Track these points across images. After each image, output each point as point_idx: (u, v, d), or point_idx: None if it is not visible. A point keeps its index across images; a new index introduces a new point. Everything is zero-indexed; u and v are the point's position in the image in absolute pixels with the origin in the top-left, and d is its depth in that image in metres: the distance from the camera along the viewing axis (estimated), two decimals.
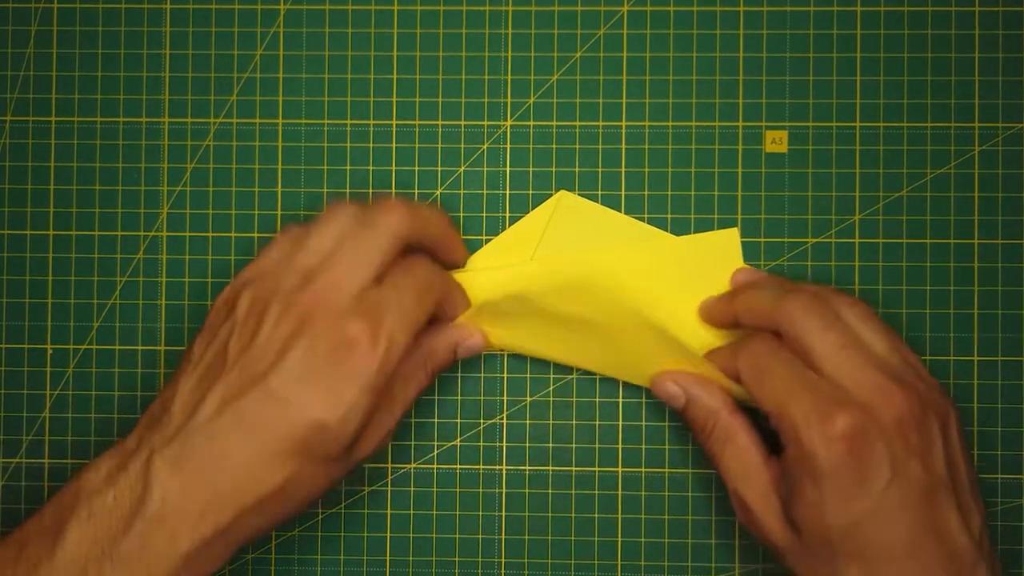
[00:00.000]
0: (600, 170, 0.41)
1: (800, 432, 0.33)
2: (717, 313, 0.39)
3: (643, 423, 0.41)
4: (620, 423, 0.41)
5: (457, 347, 0.38)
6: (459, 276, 0.40)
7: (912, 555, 0.33)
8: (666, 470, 0.41)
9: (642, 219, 0.41)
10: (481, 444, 0.41)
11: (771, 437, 0.36)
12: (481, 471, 0.41)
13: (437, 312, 0.38)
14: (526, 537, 0.41)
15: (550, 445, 0.41)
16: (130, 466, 0.32)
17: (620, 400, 0.41)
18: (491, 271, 0.40)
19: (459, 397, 0.41)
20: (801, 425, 0.33)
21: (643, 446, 0.41)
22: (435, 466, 0.41)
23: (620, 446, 0.41)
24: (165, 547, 0.31)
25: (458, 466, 0.41)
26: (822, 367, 0.34)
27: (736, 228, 0.41)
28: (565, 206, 0.41)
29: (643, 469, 0.41)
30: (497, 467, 0.41)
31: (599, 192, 0.41)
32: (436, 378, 0.39)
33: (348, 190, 0.41)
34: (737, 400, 0.37)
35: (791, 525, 0.34)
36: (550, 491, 0.41)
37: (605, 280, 0.40)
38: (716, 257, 0.40)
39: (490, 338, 0.39)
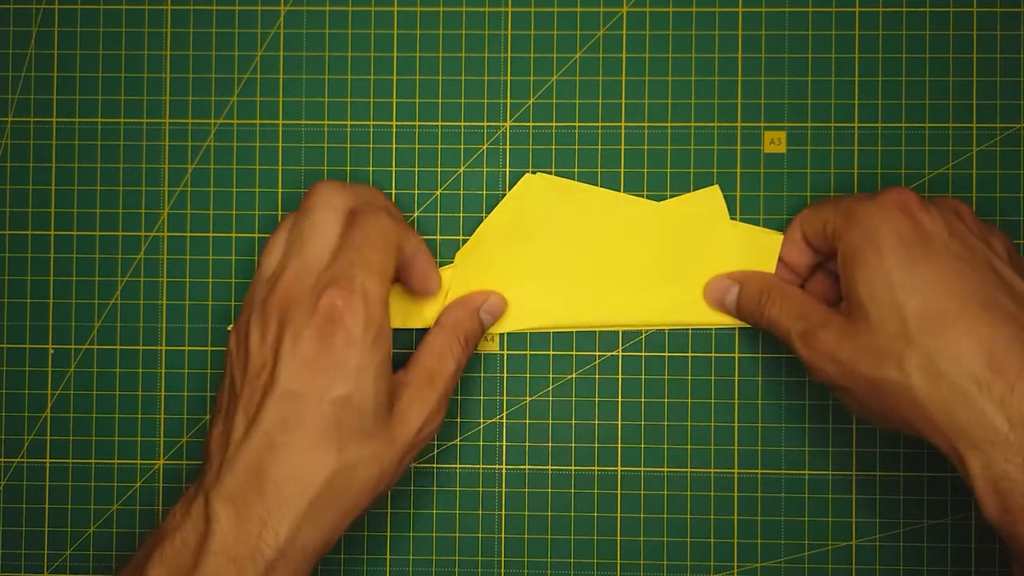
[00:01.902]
0: (600, 170, 0.41)
1: (856, 211, 0.35)
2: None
3: (642, 422, 0.41)
4: (619, 422, 0.41)
5: (480, 312, 0.39)
6: (447, 274, 0.40)
7: (977, 315, 0.33)
8: (665, 469, 0.41)
9: None
10: (481, 443, 0.41)
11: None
12: (481, 470, 0.41)
13: (409, 260, 0.37)
14: (526, 536, 0.41)
15: (549, 444, 0.41)
16: (192, 509, 0.33)
17: (619, 400, 0.41)
18: (480, 263, 0.40)
19: (459, 397, 0.41)
20: (856, 206, 0.35)
21: (642, 445, 0.41)
22: (435, 465, 0.41)
23: (619, 445, 0.41)
24: None
25: (458, 465, 0.41)
26: None
27: (716, 185, 0.41)
28: (536, 188, 0.41)
29: (642, 468, 0.41)
30: (497, 466, 0.41)
31: None
32: (474, 350, 0.39)
33: None
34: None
35: (857, 315, 0.34)
36: (550, 490, 0.41)
37: (595, 245, 0.40)
38: (701, 216, 0.41)
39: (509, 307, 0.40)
